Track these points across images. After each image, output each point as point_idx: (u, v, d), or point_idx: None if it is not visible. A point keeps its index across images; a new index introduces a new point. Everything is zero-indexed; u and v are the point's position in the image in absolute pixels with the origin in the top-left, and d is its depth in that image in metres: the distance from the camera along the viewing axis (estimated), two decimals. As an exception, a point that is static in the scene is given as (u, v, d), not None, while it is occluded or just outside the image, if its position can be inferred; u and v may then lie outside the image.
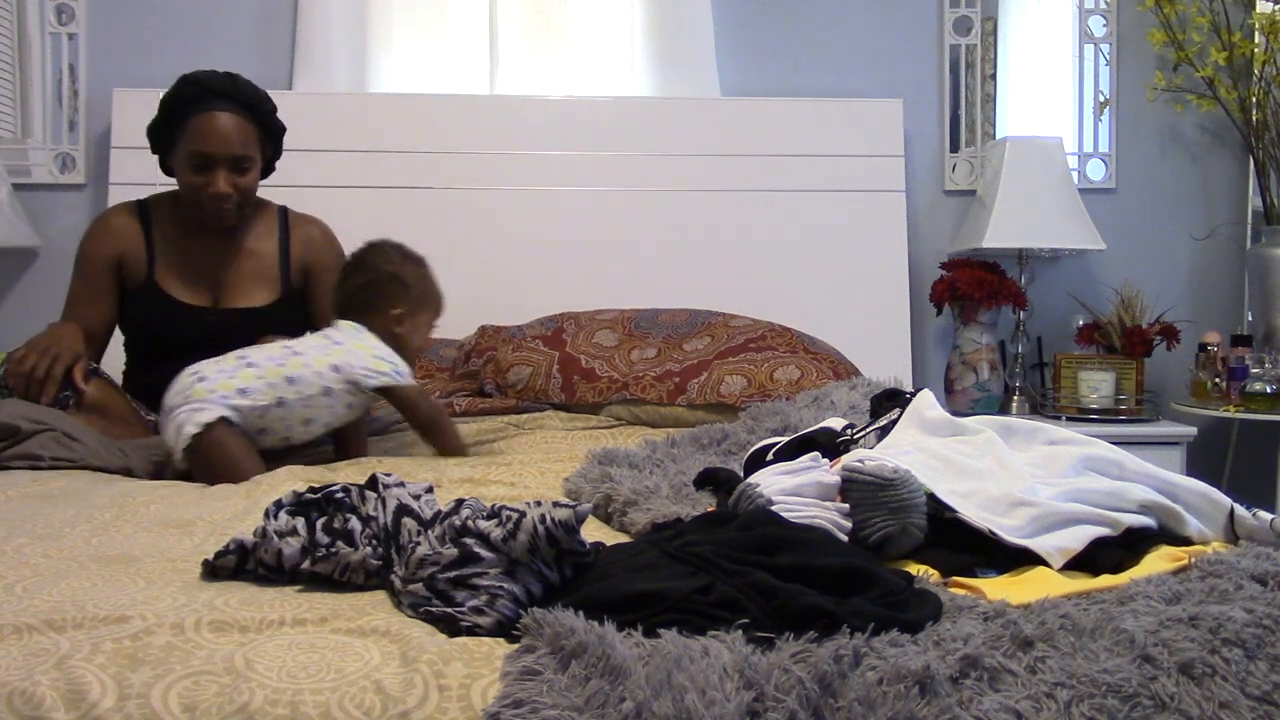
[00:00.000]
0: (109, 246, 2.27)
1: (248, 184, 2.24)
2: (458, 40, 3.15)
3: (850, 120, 3.11)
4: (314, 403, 1.93)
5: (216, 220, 2.26)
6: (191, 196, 2.22)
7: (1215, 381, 2.94)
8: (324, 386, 1.93)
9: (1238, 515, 1.28)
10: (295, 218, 2.39)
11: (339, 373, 1.94)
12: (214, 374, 1.90)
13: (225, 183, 2.19)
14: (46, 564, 1.22)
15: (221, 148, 2.17)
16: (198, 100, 2.17)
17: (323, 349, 1.97)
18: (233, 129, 2.18)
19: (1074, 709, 0.86)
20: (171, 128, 2.20)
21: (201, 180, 2.19)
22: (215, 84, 2.20)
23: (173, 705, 0.88)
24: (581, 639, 0.91)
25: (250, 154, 2.23)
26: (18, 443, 1.89)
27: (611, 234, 3.03)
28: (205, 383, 1.89)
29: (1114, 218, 3.18)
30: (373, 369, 1.96)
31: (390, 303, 2.04)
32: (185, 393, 1.89)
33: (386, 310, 2.04)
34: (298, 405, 1.91)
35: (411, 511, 1.19)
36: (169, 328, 2.25)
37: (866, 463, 1.27)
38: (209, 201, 2.21)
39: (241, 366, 1.92)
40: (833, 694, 0.87)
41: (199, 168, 2.18)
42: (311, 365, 1.93)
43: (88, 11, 3.06)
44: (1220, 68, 3.07)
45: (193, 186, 2.20)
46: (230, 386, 1.88)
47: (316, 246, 2.38)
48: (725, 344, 2.50)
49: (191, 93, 2.18)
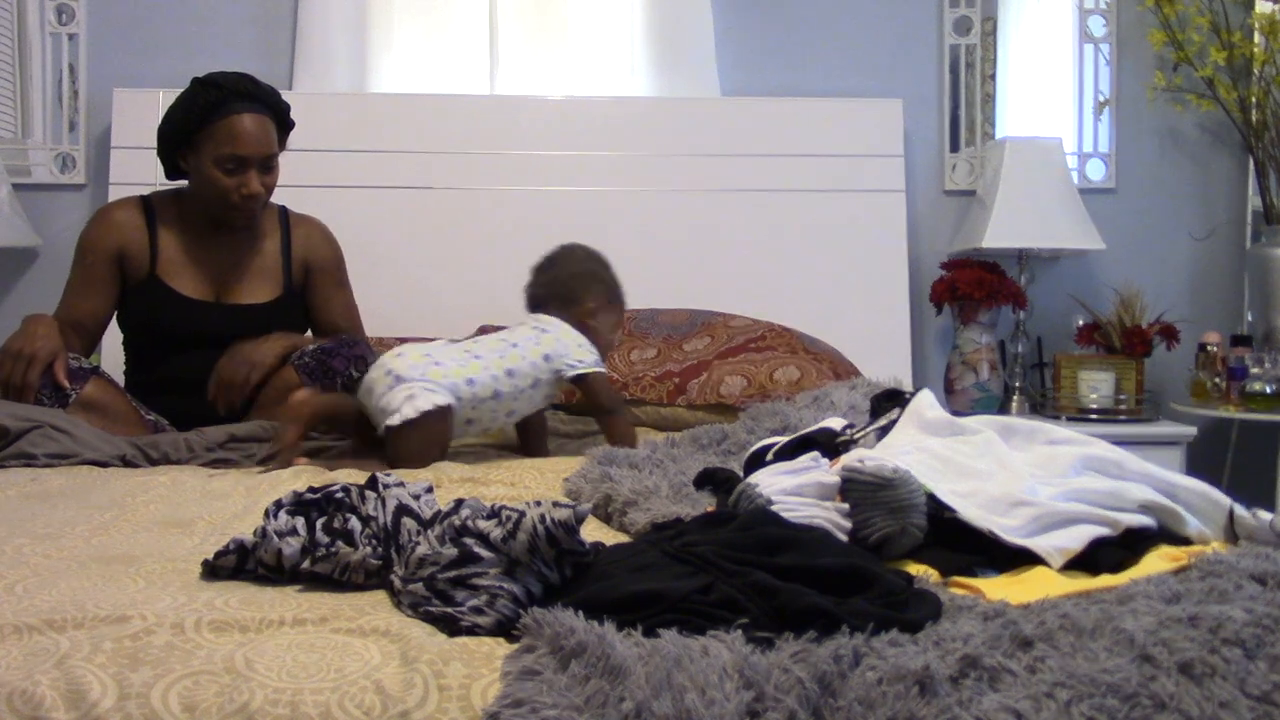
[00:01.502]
0: (111, 239, 2.27)
1: (274, 182, 2.28)
2: (458, 40, 3.15)
3: (850, 120, 3.11)
4: (522, 395, 2.01)
5: (245, 220, 2.29)
6: (222, 199, 2.23)
7: (1215, 381, 2.94)
8: (535, 378, 2.01)
9: (1237, 515, 1.28)
10: (295, 217, 2.41)
11: (549, 362, 2.02)
12: (448, 360, 1.96)
13: (258, 183, 2.22)
14: (46, 564, 1.22)
15: (255, 149, 2.20)
16: (222, 103, 2.18)
17: (534, 339, 2.05)
18: (261, 130, 2.22)
19: (1074, 709, 0.86)
20: (191, 132, 2.20)
21: (234, 182, 2.21)
22: (237, 85, 2.21)
23: (173, 705, 0.88)
24: (581, 639, 0.91)
25: (276, 152, 2.27)
26: (10, 442, 1.89)
27: (611, 234, 3.01)
28: (441, 367, 1.94)
29: (1114, 218, 3.18)
30: (575, 358, 2.04)
31: (585, 296, 2.13)
32: (422, 369, 1.92)
33: (582, 303, 2.13)
34: (509, 398, 1.99)
35: (411, 511, 1.19)
36: (172, 322, 2.26)
37: (866, 463, 1.27)
38: (243, 202, 2.22)
39: (470, 359, 1.98)
40: (833, 694, 0.87)
41: (231, 170, 2.20)
42: (527, 357, 2.01)
43: (88, 11, 3.06)
44: (1220, 68, 3.07)
45: (225, 189, 2.21)
46: (461, 375, 1.94)
47: (317, 246, 2.41)
48: (725, 344, 2.50)
49: (215, 96, 2.18)
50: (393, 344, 2.69)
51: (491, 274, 2.98)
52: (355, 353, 2.28)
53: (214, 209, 2.26)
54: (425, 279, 2.97)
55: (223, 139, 2.18)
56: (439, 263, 2.98)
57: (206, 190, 2.23)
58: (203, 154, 2.20)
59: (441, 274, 2.98)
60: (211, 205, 2.25)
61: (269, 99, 2.26)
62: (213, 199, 2.24)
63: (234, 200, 2.22)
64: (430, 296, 2.95)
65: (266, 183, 2.25)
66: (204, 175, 2.22)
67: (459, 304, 2.90)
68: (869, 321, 3.02)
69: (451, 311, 2.84)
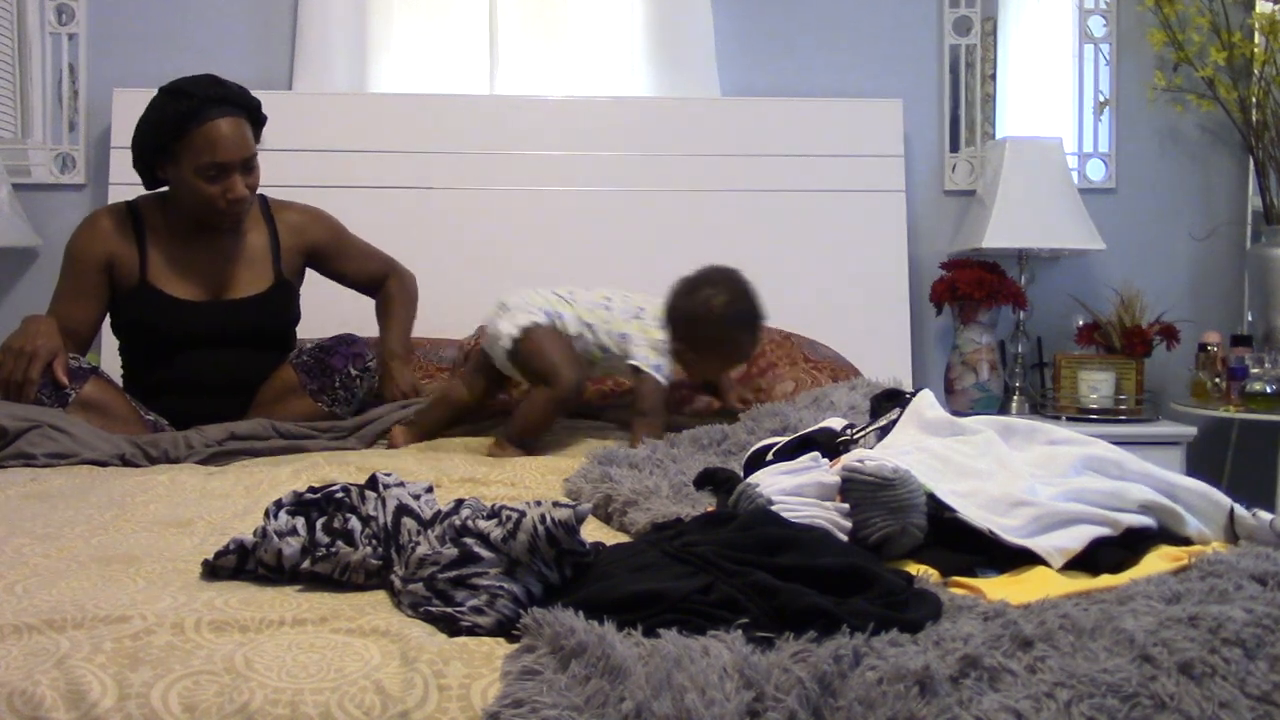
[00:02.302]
0: (99, 247, 2.26)
1: (257, 182, 2.27)
2: (458, 40, 3.15)
3: (850, 120, 3.10)
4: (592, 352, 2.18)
5: (233, 223, 2.28)
6: (207, 206, 2.22)
7: (1215, 381, 2.94)
8: (606, 346, 2.18)
9: (1238, 515, 1.28)
10: (276, 205, 2.42)
11: (623, 341, 2.17)
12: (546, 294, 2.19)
13: (242, 186, 2.21)
14: (46, 564, 1.22)
15: (234, 153, 2.19)
16: (195, 113, 2.16)
17: (627, 314, 2.20)
18: (238, 132, 2.20)
19: (1074, 709, 0.86)
20: (166, 144, 2.18)
21: (219, 189, 2.20)
22: (207, 92, 2.18)
23: (173, 705, 0.88)
24: (581, 639, 0.91)
25: (254, 152, 2.25)
26: (9, 442, 1.89)
27: (611, 234, 3.03)
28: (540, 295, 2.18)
29: (1114, 218, 3.18)
30: (643, 354, 2.15)
31: (676, 333, 2.18)
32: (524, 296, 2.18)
33: (672, 337, 2.19)
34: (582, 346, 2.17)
35: (411, 511, 1.19)
36: (169, 326, 2.26)
37: (866, 463, 1.27)
38: (230, 206, 2.22)
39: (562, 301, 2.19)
40: (833, 694, 0.87)
41: (214, 177, 2.19)
42: (610, 324, 2.18)
43: (88, 11, 3.06)
44: (1220, 68, 3.07)
45: (209, 196, 2.20)
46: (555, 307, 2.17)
47: (307, 229, 2.43)
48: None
49: (187, 106, 2.15)
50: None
51: (491, 274, 2.98)
52: (354, 350, 2.28)
53: (201, 216, 2.25)
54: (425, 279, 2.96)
55: (201, 148, 2.16)
56: (439, 263, 2.98)
57: (191, 199, 2.22)
58: (182, 165, 2.18)
59: (441, 274, 2.98)
60: (198, 213, 2.24)
61: (240, 99, 2.23)
62: (198, 207, 2.23)
63: (220, 206, 2.21)
64: (430, 296, 2.94)
65: (250, 184, 2.24)
66: (186, 185, 2.20)
67: (459, 304, 2.89)
68: (869, 321, 3.02)
69: (452, 311, 2.83)
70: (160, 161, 2.23)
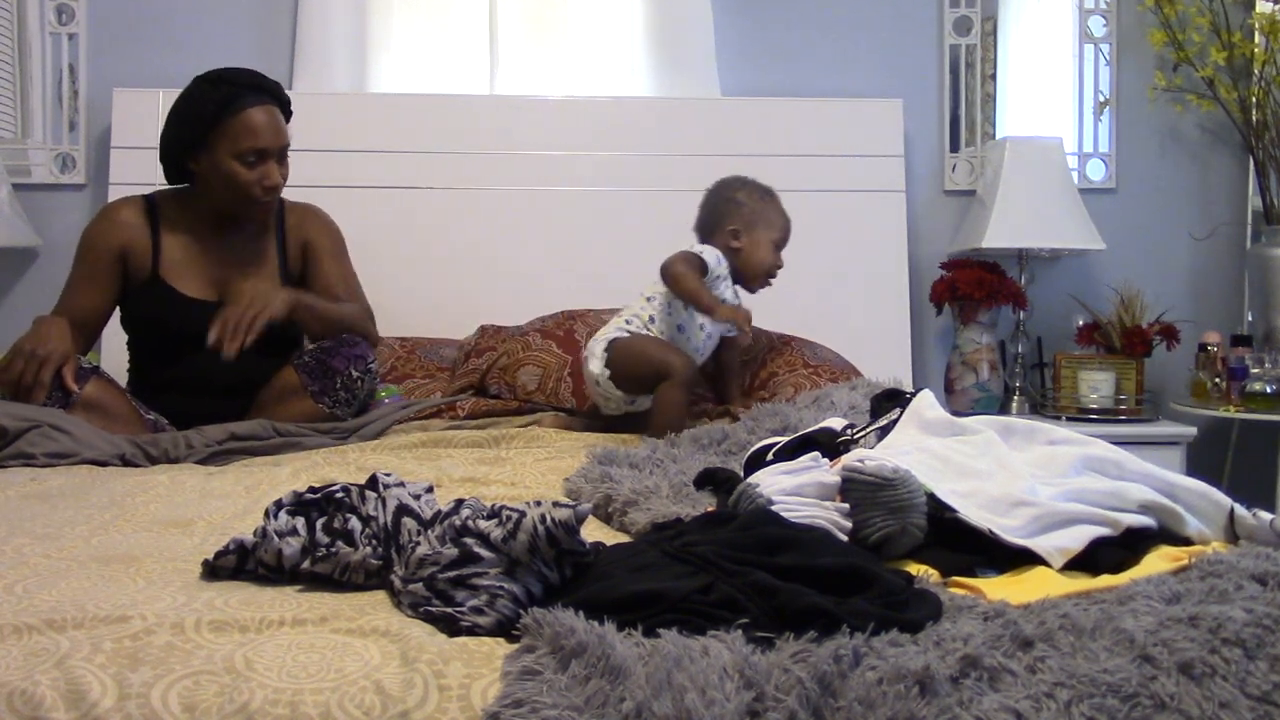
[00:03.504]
0: (115, 237, 2.28)
1: (287, 174, 2.30)
2: (457, 40, 3.15)
3: (850, 120, 3.10)
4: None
5: (265, 214, 2.30)
6: (244, 193, 2.23)
7: (1215, 381, 2.94)
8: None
9: (1238, 515, 1.28)
10: (289, 206, 2.44)
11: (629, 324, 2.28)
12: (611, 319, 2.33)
13: (278, 174, 2.25)
14: (46, 564, 1.22)
15: (274, 140, 2.22)
16: (234, 99, 2.19)
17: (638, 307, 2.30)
18: (276, 121, 2.24)
19: (1074, 709, 0.86)
20: (204, 131, 2.20)
21: (256, 175, 2.22)
22: (247, 80, 2.23)
23: (173, 705, 0.88)
24: (581, 639, 0.91)
25: (289, 142, 2.29)
26: (9, 442, 1.89)
27: (611, 234, 3.03)
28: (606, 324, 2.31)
29: (1114, 218, 3.18)
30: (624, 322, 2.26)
31: (727, 220, 2.30)
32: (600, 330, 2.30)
33: (725, 228, 2.30)
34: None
35: (411, 511, 1.19)
36: (177, 323, 2.26)
37: (866, 463, 1.27)
38: (264, 194, 2.24)
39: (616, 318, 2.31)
40: (833, 694, 0.87)
41: (253, 164, 2.21)
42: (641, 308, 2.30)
43: (88, 11, 3.06)
44: (1220, 68, 3.07)
45: (247, 183, 2.22)
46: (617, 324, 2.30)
47: (309, 227, 2.43)
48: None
49: (227, 92, 2.19)
50: (392, 343, 2.71)
51: (491, 274, 2.99)
52: (355, 352, 2.27)
53: (234, 206, 2.26)
54: (425, 279, 2.97)
55: (241, 134, 2.19)
56: (439, 263, 2.98)
57: (226, 188, 2.23)
58: (218, 152, 2.20)
59: (441, 274, 2.98)
60: (231, 203, 2.25)
61: (275, 91, 2.28)
62: (233, 196, 2.24)
63: (256, 194, 2.24)
64: (430, 296, 2.95)
65: (284, 174, 2.28)
66: (223, 172, 2.21)
67: (459, 304, 2.90)
68: (869, 321, 3.02)
69: (451, 311, 2.84)
70: (194, 152, 2.24)
